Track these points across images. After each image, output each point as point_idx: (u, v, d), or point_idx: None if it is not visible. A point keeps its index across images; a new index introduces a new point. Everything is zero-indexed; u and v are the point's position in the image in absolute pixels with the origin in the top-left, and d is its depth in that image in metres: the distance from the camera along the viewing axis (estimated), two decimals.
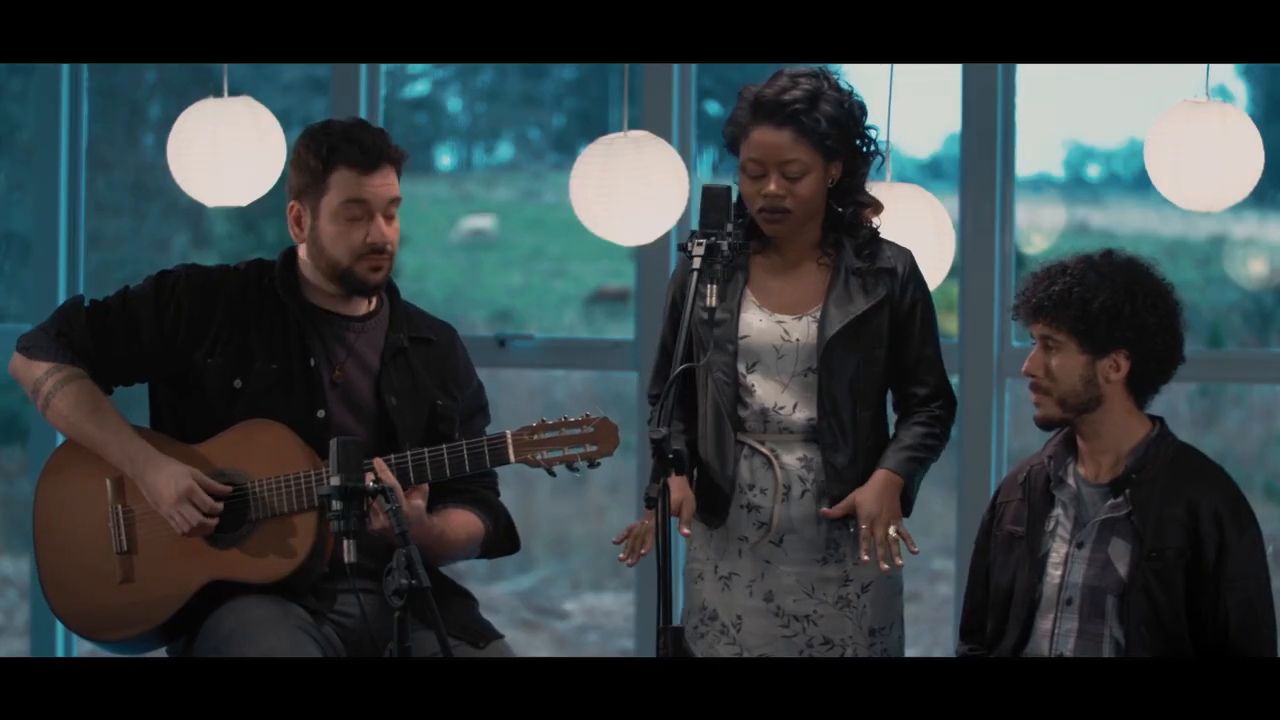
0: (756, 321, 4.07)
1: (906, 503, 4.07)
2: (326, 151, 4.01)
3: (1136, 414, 3.94)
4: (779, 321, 4.07)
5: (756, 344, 4.06)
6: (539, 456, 3.95)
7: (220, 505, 3.95)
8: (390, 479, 3.86)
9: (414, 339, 4.14)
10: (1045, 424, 3.95)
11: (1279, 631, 3.87)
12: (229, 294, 4.07)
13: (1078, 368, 3.89)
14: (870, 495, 4.01)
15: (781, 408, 4.05)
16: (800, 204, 4.02)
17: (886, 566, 3.98)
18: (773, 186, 4.00)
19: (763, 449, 4.06)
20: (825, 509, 4.03)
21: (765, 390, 4.05)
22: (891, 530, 3.99)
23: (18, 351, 4.09)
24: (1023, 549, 3.94)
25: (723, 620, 4.09)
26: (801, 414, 4.04)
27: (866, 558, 3.98)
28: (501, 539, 4.19)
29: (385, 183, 4.02)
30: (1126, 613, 3.82)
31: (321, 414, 4.01)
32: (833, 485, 4.03)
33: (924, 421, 4.09)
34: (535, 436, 3.95)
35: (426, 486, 3.97)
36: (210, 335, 4.05)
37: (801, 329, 4.05)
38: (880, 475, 4.03)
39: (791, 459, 4.05)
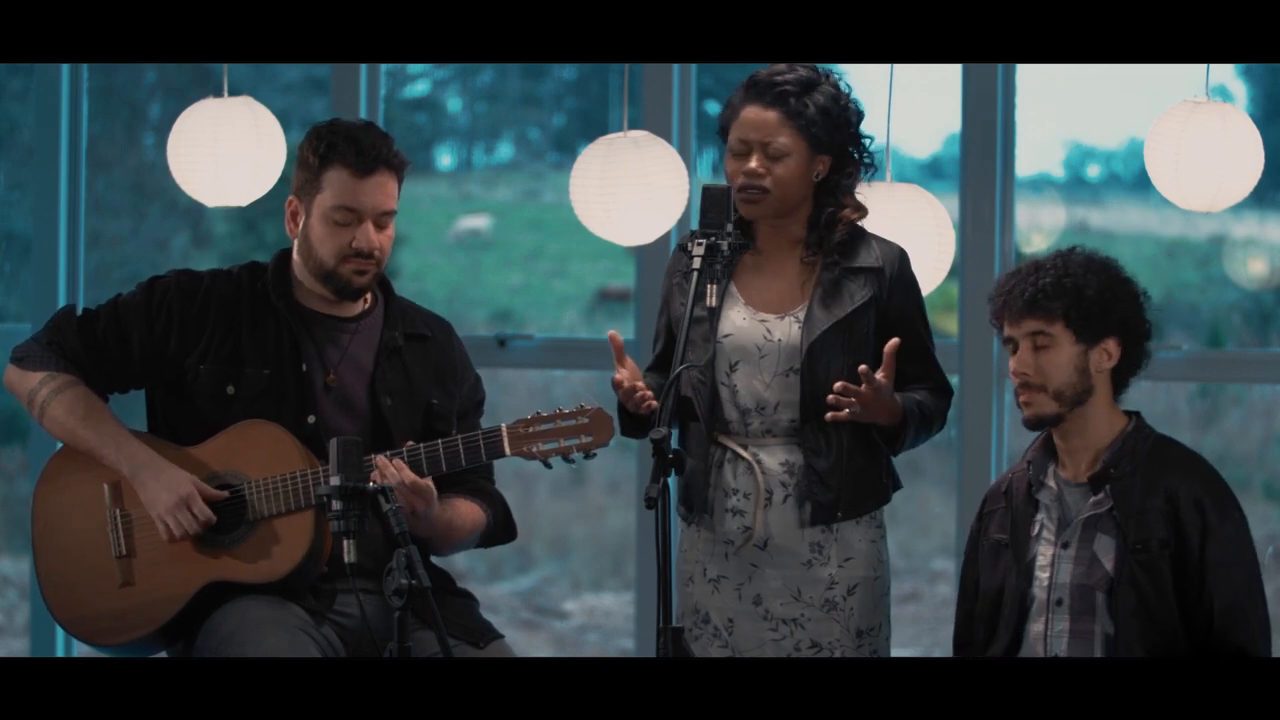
0: (740, 320, 4.06)
1: (892, 441, 4.02)
2: (325, 150, 4.00)
3: (1115, 408, 3.94)
4: (762, 320, 4.05)
5: (738, 342, 4.04)
6: (535, 449, 3.94)
7: (214, 518, 3.95)
8: (409, 475, 3.86)
9: (410, 336, 4.14)
10: (1036, 423, 3.93)
11: (1270, 625, 3.86)
12: (221, 299, 4.06)
13: (1072, 359, 3.89)
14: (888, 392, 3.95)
15: (763, 408, 4.03)
16: (778, 185, 4.00)
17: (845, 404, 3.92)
18: (753, 163, 3.99)
19: (744, 454, 4.04)
20: (863, 368, 3.92)
21: (747, 390, 4.04)
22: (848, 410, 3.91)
23: (11, 363, 4.09)
24: (1009, 556, 3.93)
25: (715, 623, 4.08)
26: (784, 415, 4.02)
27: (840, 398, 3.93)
28: (500, 529, 4.19)
29: (380, 190, 4.00)
30: (1115, 607, 3.82)
31: (312, 420, 4.01)
32: (815, 489, 4.00)
33: (924, 390, 4.06)
34: (530, 429, 3.94)
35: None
36: (202, 341, 4.04)
37: (784, 328, 4.03)
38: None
39: (773, 463, 4.03)
